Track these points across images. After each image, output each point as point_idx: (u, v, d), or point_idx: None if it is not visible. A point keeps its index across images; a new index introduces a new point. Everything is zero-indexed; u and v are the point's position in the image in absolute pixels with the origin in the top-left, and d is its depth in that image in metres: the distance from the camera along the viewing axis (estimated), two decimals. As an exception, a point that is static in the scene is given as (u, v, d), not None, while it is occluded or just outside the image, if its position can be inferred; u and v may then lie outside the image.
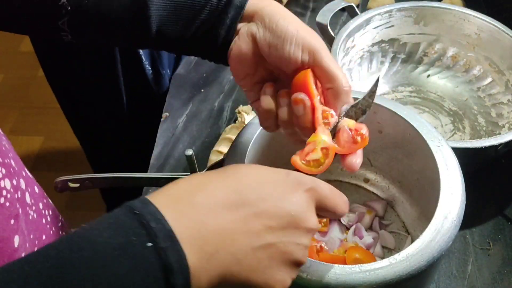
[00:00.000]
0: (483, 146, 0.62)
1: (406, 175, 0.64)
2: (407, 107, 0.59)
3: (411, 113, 0.57)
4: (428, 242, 0.46)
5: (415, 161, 0.60)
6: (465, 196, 0.50)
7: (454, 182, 0.51)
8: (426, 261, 0.45)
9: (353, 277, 0.43)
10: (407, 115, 0.57)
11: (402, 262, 0.44)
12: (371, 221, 0.65)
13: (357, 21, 0.79)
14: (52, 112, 0.98)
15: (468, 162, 0.53)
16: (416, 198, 0.64)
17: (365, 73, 0.86)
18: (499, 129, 0.77)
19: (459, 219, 0.48)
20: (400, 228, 0.66)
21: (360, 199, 0.69)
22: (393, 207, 0.67)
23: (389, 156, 0.65)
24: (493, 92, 0.81)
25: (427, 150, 0.54)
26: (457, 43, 0.84)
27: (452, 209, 0.48)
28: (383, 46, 0.85)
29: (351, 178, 0.70)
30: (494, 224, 0.69)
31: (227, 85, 0.91)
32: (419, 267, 0.44)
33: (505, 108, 0.78)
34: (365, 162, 0.68)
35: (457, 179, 0.51)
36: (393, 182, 0.67)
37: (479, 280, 0.63)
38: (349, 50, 0.80)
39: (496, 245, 0.67)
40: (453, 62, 0.85)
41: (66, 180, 0.56)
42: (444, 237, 0.46)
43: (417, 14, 0.82)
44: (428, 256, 0.45)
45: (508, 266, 0.65)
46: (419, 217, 0.63)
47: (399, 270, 0.44)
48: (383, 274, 0.44)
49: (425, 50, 0.86)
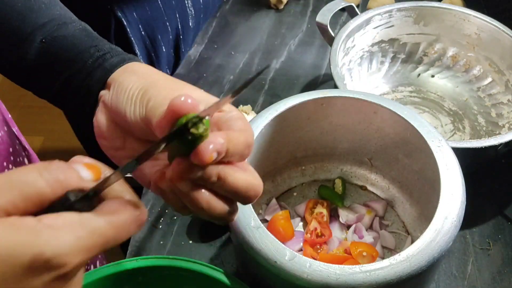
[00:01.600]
0: (483, 146, 0.62)
1: (406, 175, 0.64)
2: (407, 107, 0.59)
3: (412, 113, 0.57)
4: (428, 242, 0.46)
5: (415, 161, 0.60)
6: (465, 196, 0.50)
7: (455, 183, 0.51)
8: (427, 261, 0.45)
9: (354, 278, 0.43)
10: (407, 115, 0.57)
11: (403, 262, 0.44)
12: (371, 221, 0.65)
13: (357, 21, 0.79)
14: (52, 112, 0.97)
15: (468, 162, 0.53)
16: (416, 198, 0.64)
17: (365, 73, 0.86)
18: (499, 129, 0.77)
19: (459, 220, 0.48)
20: (400, 228, 0.66)
21: (360, 199, 0.69)
22: (393, 207, 0.67)
23: (389, 156, 0.65)
24: (493, 92, 0.81)
25: (427, 150, 0.54)
26: (457, 43, 0.84)
27: (452, 209, 0.48)
28: (383, 46, 0.85)
29: (351, 178, 0.70)
30: (494, 224, 0.69)
31: (227, 85, 0.91)
32: (420, 268, 0.44)
33: (505, 108, 0.78)
34: (365, 162, 0.68)
35: (458, 180, 0.51)
36: (393, 182, 0.67)
37: (479, 280, 0.63)
38: (349, 50, 0.80)
39: (496, 245, 0.67)
40: (453, 62, 0.85)
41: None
42: (445, 238, 0.46)
43: (417, 14, 0.82)
44: (428, 257, 0.45)
45: (508, 266, 0.65)
46: (419, 217, 0.63)
47: (399, 270, 0.44)
48: (384, 274, 0.44)
49: (425, 50, 0.86)
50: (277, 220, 0.62)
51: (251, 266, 0.51)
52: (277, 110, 0.58)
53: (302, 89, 0.90)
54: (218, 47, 0.98)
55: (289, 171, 0.69)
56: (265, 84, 0.91)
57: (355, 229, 0.65)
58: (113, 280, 0.49)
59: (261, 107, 0.84)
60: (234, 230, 0.48)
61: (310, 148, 0.67)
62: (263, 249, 0.46)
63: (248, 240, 0.47)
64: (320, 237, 0.63)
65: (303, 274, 0.44)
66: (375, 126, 0.62)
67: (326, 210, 0.65)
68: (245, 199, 0.35)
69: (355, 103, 0.60)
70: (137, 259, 0.50)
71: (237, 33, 1.01)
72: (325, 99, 0.60)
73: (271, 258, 0.45)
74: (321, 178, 0.71)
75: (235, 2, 1.08)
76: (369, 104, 0.59)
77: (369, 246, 0.61)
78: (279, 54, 0.97)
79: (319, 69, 0.94)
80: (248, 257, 0.48)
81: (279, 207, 0.67)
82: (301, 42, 0.99)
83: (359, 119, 0.62)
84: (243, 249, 0.47)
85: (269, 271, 0.45)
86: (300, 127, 0.63)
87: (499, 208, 0.71)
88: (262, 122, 0.57)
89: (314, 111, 0.61)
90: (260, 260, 0.46)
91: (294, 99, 0.59)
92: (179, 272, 0.49)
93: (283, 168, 0.68)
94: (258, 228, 0.47)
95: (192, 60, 0.95)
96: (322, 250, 0.62)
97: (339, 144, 0.67)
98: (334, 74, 0.71)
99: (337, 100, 0.60)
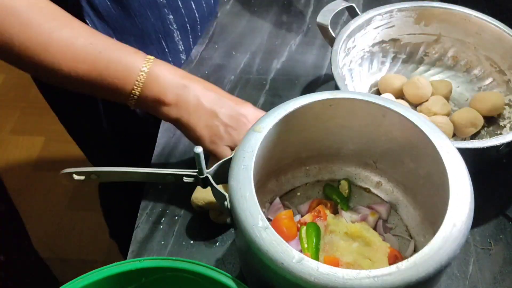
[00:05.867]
0: (484, 147, 0.62)
1: (411, 179, 0.64)
2: (415, 112, 0.58)
3: (421, 118, 0.57)
4: (436, 250, 0.46)
5: (422, 166, 0.59)
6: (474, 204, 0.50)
7: (464, 191, 0.50)
8: (434, 268, 0.45)
9: (361, 282, 0.43)
10: (417, 120, 0.56)
11: (411, 269, 0.44)
12: (374, 223, 0.65)
13: (358, 21, 0.79)
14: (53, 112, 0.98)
15: (469, 163, 0.53)
16: (420, 203, 0.63)
17: (365, 73, 0.86)
18: (500, 129, 0.77)
19: (467, 228, 0.48)
20: (403, 232, 0.65)
21: (363, 201, 0.69)
22: (397, 210, 0.67)
23: (395, 160, 0.64)
24: (494, 92, 0.81)
25: (436, 155, 0.53)
26: (458, 43, 0.84)
27: (461, 217, 0.48)
28: (383, 46, 0.85)
29: (355, 180, 0.70)
30: (496, 224, 0.70)
31: (228, 84, 0.91)
32: (427, 275, 0.44)
33: (506, 108, 0.78)
34: (370, 165, 0.68)
35: (467, 188, 0.50)
36: (398, 185, 0.67)
37: (480, 280, 0.63)
38: (350, 50, 0.80)
39: (498, 245, 0.67)
40: (454, 62, 0.85)
41: (72, 173, 0.56)
42: (453, 245, 0.46)
43: (417, 14, 0.82)
44: (436, 264, 0.45)
45: (509, 266, 0.65)
46: (423, 222, 0.63)
47: (407, 276, 0.44)
48: (391, 280, 0.44)
49: (426, 50, 0.86)
50: (281, 220, 0.62)
51: (256, 267, 0.50)
52: (286, 110, 0.57)
53: (303, 89, 0.90)
54: (218, 47, 0.98)
55: (293, 171, 0.69)
56: (266, 84, 0.91)
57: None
58: (116, 280, 0.50)
59: (262, 107, 0.84)
60: (240, 230, 0.48)
61: (315, 149, 0.67)
62: (270, 250, 0.45)
63: (254, 241, 0.46)
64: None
65: (310, 277, 0.43)
66: (382, 129, 0.61)
67: (329, 211, 0.65)
68: None
69: (364, 105, 0.59)
70: (141, 260, 0.50)
71: (238, 33, 1.01)
72: (334, 100, 0.59)
73: (278, 260, 0.45)
74: (325, 178, 0.70)
75: (235, 2, 1.09)
76: (378, 106, 0.58)
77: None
78: (280, 54, 0.97)
79: (320, 69, 0.94)
80: (253, 258, 0.48)
81: (282, 206, 0.67)
82: (302, 42, 0.99)
83: (367, 122, 0.61)
84: (249, 250, 0.47)
85: (275, 272, 0.45)
86: (307, 127, 0.62)
87: (501, 208, 0.71)
88: (271, 121, 0.56)
89: (322, 112, 0.61)
90: (267, 261, 0.45)
91: (303, 98, 0.59)
92: (183, 274, 0.49)
93: (288, 167, 0.68)
94: (266, 229, 0.47)
95: (192, 60, 0.95)
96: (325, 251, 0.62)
97: (345, 145, 0.67)
98: (335, 74, 0.71)
99: (346, 101, 0.59)
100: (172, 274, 0.50)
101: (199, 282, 0.49)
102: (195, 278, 0.49)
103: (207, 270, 0.49)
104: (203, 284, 0.49)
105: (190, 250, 0.67)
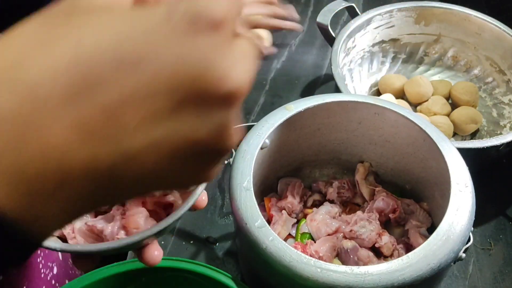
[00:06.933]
0: (484, 146, 0.62)
1: (415, 182, 0.64)
2: (418, 115, 0.58)
3: (423, 120, 0.57)
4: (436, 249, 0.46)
5: (426, 168, 0.59)
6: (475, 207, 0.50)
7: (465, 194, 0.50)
8: (432, 269, 0.45)
9: (363, 279, 0.43)
10: (421, 122, 0.57)
11: (411, 266, 0.44)
12: None
13: (358, 21, 0.79)
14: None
15: (470, 163, 0.53)
16: (424, 205, 0.63)
17: (366, 73, 0.86)
18: (500, 129, 0.77)
19: (468, 228, 0.48)
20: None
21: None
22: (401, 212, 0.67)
23: (399, 162, 0.64)
24: (494, 92, 0.81)
25: (439, 157, 0.53)
26: (457, 43, 0.84)
27: (461, 218, 0.48)
28: (383, 46, 0.85)
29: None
30: (496, 224, 0.69)
31: (228, 85, 0.91)
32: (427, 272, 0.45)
33: (506, 108, 0.78)
34: (373, 166, 0.68)
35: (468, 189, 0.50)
36: (402, 187, 0.66)
37: (480, 280, 0.63)
38: (350, 50, 0.80)
39: (498, 245, 0.67)
40: (454, 62, 0.85)
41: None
42: (453, 245, 0.46)
43: (417, 14, 0.82)
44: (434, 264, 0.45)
45: (509, 266, 0.65)
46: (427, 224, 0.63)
47: (407, 274, 0.44)
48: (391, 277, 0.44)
49: (426, 50, 0.86)
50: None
51: (257, 266, 0.50)
52: (324, 99, 0.59)
53: (303, 89, 0.90)
54: (219, 48, 0.98)
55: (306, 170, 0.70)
56: (266, 84, 0.91)
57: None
58: (116, 280, 0.49)
59: (262, 107, 0.84)
60: (242, 230, 0.48)
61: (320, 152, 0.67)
62: (271, 249, 0.46)
63: (256, 240, 0.46)
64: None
65: (310, 275, 0.44)
66: (386, 130, 0.61)
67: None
68: None
69: (379, 110, 0.60)
70: (141, 259, 0.49)
71: (237, 33, 1.01)
72: (380, 108, 0.59)
73: (279, 258, 0.45)
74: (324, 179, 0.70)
75: (235, 2, 1.08)
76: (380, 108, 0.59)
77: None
78: (280, 54, 0.97)
79: (320, 69, 0.94)
80: (255, 257, 0.48)
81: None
82: (302, 43, 0.99)
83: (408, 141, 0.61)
84: (250, 249, 0.47)
85: (277, 271, 0.45)
86: (316, 129, 0.63)
87: (501, 208, 0.71)
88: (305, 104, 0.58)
89: (364, 117, 0.61)
90: (268, 260, 0.46)
91: (341, 96, 0.60)
92: (183, 274, 0.49)
93: (307, 164, 0.69)
94: (267, 228, 0.47)
95: (193, 61, 0.95)
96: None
97: (349, 147, 0.67)
98: (335, 74, 0.71)
99: (392, 113, 0.59)
100: (172, 274, 0.50)
101: (199, 282, 0.49)
102: (195, 278, 0.49)
103: (207, 270, 0.49)
104: (203, 284, 0.49)
105: (190, 250, 0.67)
